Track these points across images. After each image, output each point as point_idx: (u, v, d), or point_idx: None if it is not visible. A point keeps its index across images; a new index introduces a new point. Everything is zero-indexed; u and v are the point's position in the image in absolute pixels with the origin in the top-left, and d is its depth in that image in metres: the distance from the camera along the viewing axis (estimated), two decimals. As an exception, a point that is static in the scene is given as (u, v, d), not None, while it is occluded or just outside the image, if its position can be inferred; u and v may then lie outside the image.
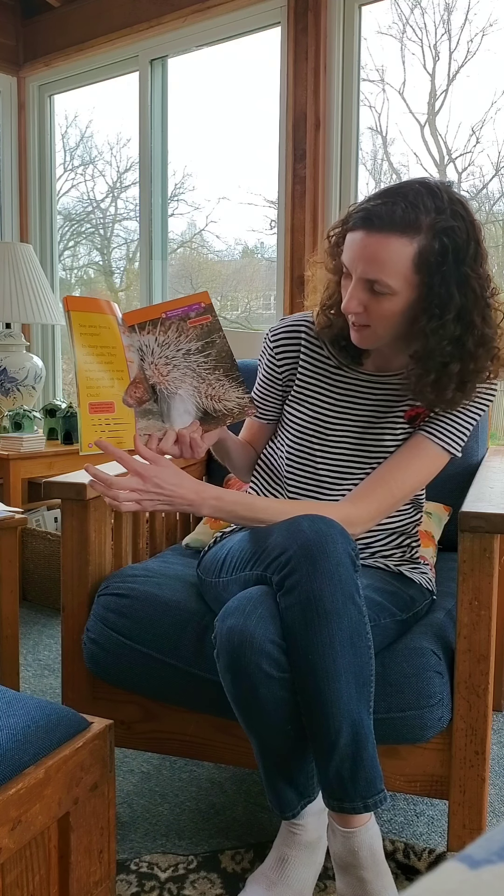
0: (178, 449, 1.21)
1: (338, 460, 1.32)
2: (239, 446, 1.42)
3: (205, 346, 1.19)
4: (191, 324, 1.19)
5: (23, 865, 0.88)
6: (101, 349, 1.15)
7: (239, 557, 1.22)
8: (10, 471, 2.68)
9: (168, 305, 1.18)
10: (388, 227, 1.11)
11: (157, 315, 1.18)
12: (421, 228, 1.11)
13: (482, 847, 0.33)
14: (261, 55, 2.94)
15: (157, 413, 1.20)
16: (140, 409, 1.19)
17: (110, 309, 1.18)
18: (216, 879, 1.27)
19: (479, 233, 1.15)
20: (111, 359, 1.16)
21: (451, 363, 1.16)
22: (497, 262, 2.72)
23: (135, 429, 1.19)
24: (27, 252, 3.06)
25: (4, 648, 1.77)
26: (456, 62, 2.60)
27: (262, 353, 1.41)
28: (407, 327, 1.19)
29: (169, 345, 1.18)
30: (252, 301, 3.36)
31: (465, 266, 1.12)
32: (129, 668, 1.32)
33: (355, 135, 2.69)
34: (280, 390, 1.39)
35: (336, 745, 1.05)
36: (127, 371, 1.17)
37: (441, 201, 1.12)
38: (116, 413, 1.17)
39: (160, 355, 1.18)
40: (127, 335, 1.18)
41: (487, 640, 1.18)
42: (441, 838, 1.42)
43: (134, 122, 3.29)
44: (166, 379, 1.19)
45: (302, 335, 1.36)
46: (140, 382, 1.18)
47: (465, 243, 1.12)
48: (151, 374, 1.18)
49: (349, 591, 1.07)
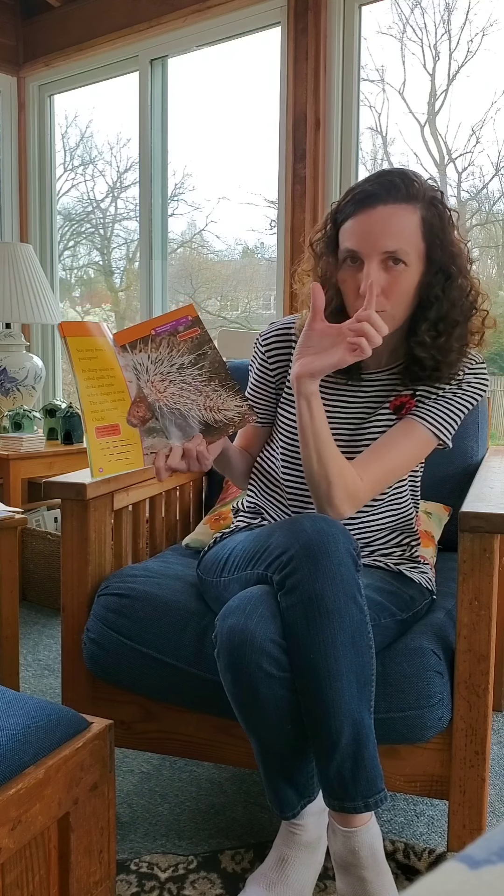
0: (186, 463, 1.20)
1: None
2: (238, 454, 1.42)
3: (197, 359, 1.20)
4: (180, 338, 1.19)
5: (23, 865, 0.88)
6: (100, 372, 1.16)
7: (240, 557, 1.22)
8: (10, 471, 2.68)
9: (156, 322, 1.19)
10: (393, 197, 1.16)
11: (147, 332, 1.19)
12: (419, 197, 1.18)
13: (482, 847, 0.33)
14: (261, 55, 2.94)
15: (161, 430, 1.21)
16: (144, 427, 1.20)
17: (100, 331, 1.19)
18: (216, 879, 1.27)
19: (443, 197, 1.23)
20: (111, 381, 1.16)
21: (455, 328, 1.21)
22: (497, 262, 2.72)
23: (142, 448, 1.19)
24: (27, 252, 3.06)
25: (4, 648, 1.77)
26: (456, 62, 2.60)
27: (254, 357, 1.42)
28: (414, 304, 1.23)
29: (162, 361, 1.19)
30: (252, 301, 3.36)
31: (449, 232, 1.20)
32: (129, 668, 1.32)
33: (355, 135, 2.69)
34: (272, 393, 1.39)
35: (337, 744, 1.05)
36: (127, 391, 1.18)
37: (418, 176, 1.20)
38: (122, 434, 1.17)
39: (155, 372, 1.19)
40: (121, 355, 1.19)
41: (487, 640, 1.18)
42: (441, 838, 1.42)
43: (134, 122, 3.29)
44: (164, 395, 1.19)
45: (293, 337, 1.37)
46: (141, 401, 1.19)
47: (445, 211, 1.20)
48: (149, 392, 1.19)
49: (351, 590, 1.07)
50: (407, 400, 1.28)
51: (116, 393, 1.17)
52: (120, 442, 1.17)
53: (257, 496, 1.43)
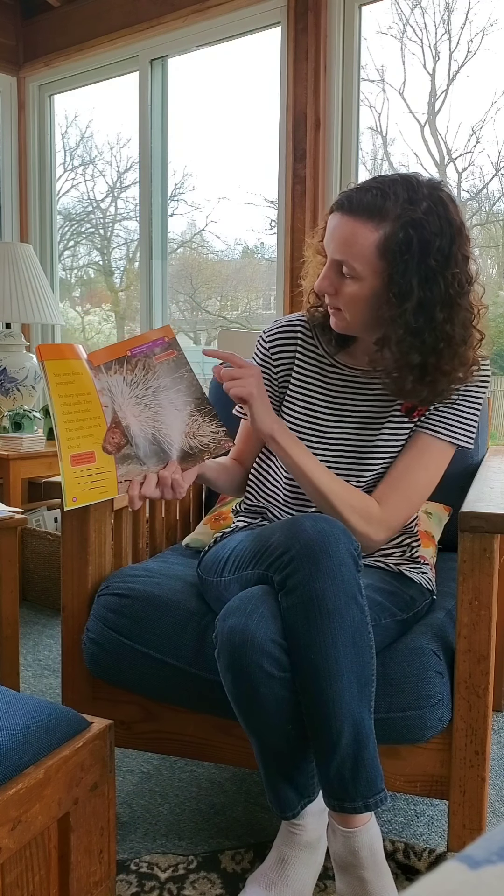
0: (160, 491, 1.19)
1: (338, 458, 1.32)
2: (220, 472, 1.39)
3: (173, 382, 1.17)
4: (157, 360, 1.17)
5: (23, 865, 0.88)
6: (76, 397, 1.13)
7: (240, 557, 1.22)
8: (10, 471, 2.68)
9: (132, 343, 1.17)
10: (356, 211, 1.16)
11: (122, 353, 1.16)
12: (387, 216, 1.14)
13: (482, 847, 0.33)
14: (261, 55, 2.94)
15: (136, 457, 1.17)
16: (119, 454, 1.16)
17: (75, 353, 1.15)
18: (216, 879, 1.27)
19: (458, 234, 1.15)
20: (87, 406, 1.14)
21: (409, 353, 1.18)
22: (497, 262, 2.71)
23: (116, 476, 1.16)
24: (27, 252, 3.06)
25: (4, 648, 1.77)
26: (456, 62, 2.60)
27: (256, 354, 1.41)
28: (374, 315, 1.21)
29: (137, 384, 1.16)
30: (252, 301, 3.36)
31: (430, 259, 1.13)
32: (129, 668, 1.32)
33: (355, 135, 2.69)
34: (275, 391, 1.39)
35: (337, 744, 1.05)
36: (104, 417, 1.15)
37: (416, 193, 1.14)
38: (97, 463, 1.14)
39: (130, 395, 1.16)
40: (96, 377, 1.16)
41: (487, 640, 1.18)
42: (441, 838, 1.42)
43: (134, 122, 3.29)
44: (139, 419, 1.16)
45: (298, 334, 1.37)
46: (116, 427, 1.16)
47: (433, 238, 1.13)
48: (124, 416, 1.16)
49: (351, 590, 1.07)
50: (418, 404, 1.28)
51: (92, 419, 1.14)
52: (94, 470, 1.14)
53: (258, 496, 1.43)
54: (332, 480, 1.23)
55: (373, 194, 1.14)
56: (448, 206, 1.15)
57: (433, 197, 1.14)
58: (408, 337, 1.16)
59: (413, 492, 1.26)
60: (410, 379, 1.19)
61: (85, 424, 1.13)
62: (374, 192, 1.15)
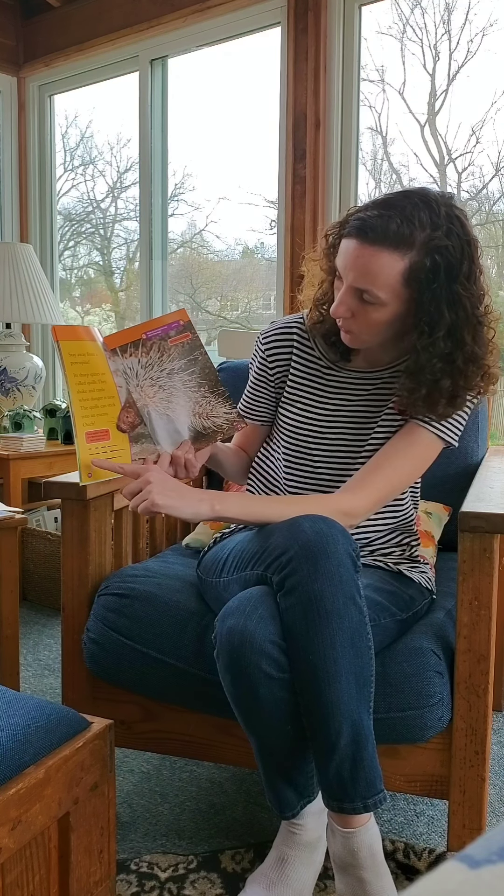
0: (174, 470, 1.21)
1: (335, 457, 1.33)
2: (231, 455, 1.42)
3: (188, 364, 1.19)
4: (171, 343, 1.18)
5: (23, 865, 0.88)
6: (91, 377, 1.15)
7: (240, 557, 1.22)
8: (10, 471, 2.68)
9: (147, 326, 1.18)
10: (380, 240, 1.12)
11: (138, 336, 1.17)
12: (414, 245, 1.12)
13: (482, 847, 0.33)
14: (261, 55, 2.94)
15: (149, 436, 1.20)
16: (133, 433, 1.19)
17: (92, 335, 1.18)
18: (216, 879, 1.27)
19: (475, 250, 1.15)
20: (102, 386, 1.16)
21: (441, 379, 1.18)
22: (497, 263, 2.72)
23: (130, 454, 1.19)
24: (27, 252, 3.06)
25: (4, 648, 1.77)
26: (456, 62, 2.60)
27: (254, 355, 1.42)
28: (393, 334, 1.22)
29: (152, 366, 1.18)
30: (252, 301, 3.36)
31: (456, 284, 1.13)
32: (129, 668, 1.32)
33: (355, 135, 2.69)
34: (272, 392, 1.40)
35: (336, 745, 1.05)
36: (118, 396, 1.18)
37: (437, 216, 1.12)
38: (112, 440, 1.17)
39: (145, 377, 1.18)
40: (111, 359, 1.17)
41: (487, 640, 1.18)
42: (441, 838, 1.42)
43: (134, 122, 3.29)
44: (153, 400, 1.18)
45: (294, 336, 1.38)
46: (131, 406, 1.18)
47: (457, 262, 1.13)
48: (139, 397, 1.18)
49: (350, 591, 1.07)
50: None
51: (107, 398, 1.17)
52: (109, 447, 1.17)
53: (257, 493, 1.43)
54: (290, 505, 1.19)
55: (397, 223, 1.11)
56: (464, 223, 1.15)
57: (451, 217, 1.13)
58: (440, 363, 1.16)
59: (393, 475, 1.23)
60: (443, 403, 1.20)
61: (100, 403, 1.16)
62: (398, 220, 1.11)
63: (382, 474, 1.23)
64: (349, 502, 1.21)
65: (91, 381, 1.15)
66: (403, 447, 1.25)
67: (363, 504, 1.22)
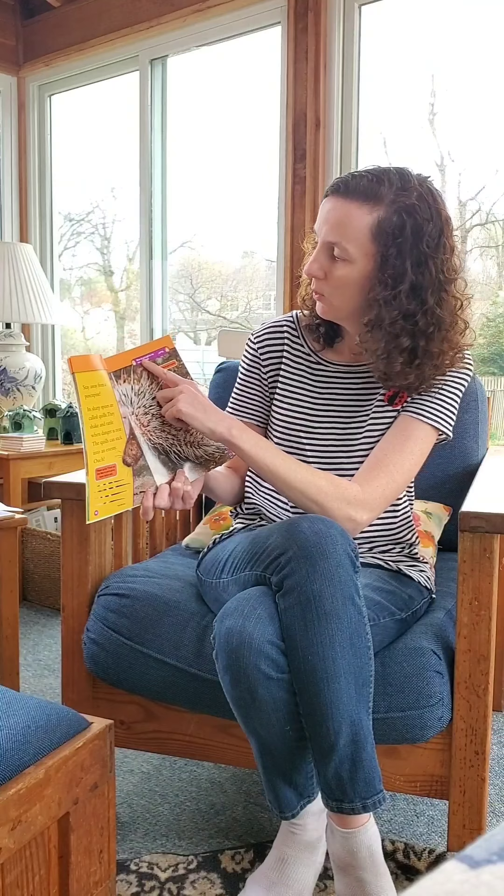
0: (171, 501, 1.19)
1: (326, 449, 1.33)
2: (222, 480, 1.39)
3: None
4: None
5: (23, 865, 0.88)
6: (101, 409, 1.14)
7: (238, 558, 1.23)
8: (10, 471, 2.68)
9: (136, 352, 1.17)
10: (351, 194, 1.19)
11: (129, 362, 1.16)
12: (382, 200, 1.18)
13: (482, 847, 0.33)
14: (261, 55, 2.94)
15: (148, 468, 1.17)
16: (136, 466, 1.17)
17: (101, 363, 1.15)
18: (216, 879, 1.27)
19: (446, 225, 1.20)
20: (111, 419, 1.14)
21: (400, 336, 1.20)
22: (497, 262, 2.71)
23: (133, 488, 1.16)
24: (27, 252, 3.06)
25: (4, 648, 1.77)
26: (456, 62, 2.60)
27: (245, 356, 1.43)
28: (363, 301, 1.24)
29: (144, 393, 1.17)
30: (252, 301, 3.36)
31: (423, 245, 1.18)
32: (129, 668, 1.32)
33: (355, 135, 2.68)
34: (264, 391, 1.41)
35: (335, 746, 1.05)
36: (123, 429, 1.16)
37: (408, 183, 1.19)
38: (118, 475, 1.15)
39: (139, 405, 1.16)
40: (115, 386, 1.15)
41: (487, 640, 1.18)
42: (441, 838, 1.42)
43: (134, 122, 3.29)
44: (147, 429, 1.17)
45: (286, 335, 1.40)
46: (133, 438, 1.16)
47: (425, 223, 1.18)
48: (135, 426, 1.16)
49: (349, 591, 1.07)
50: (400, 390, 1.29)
51: (115, 431, 1.15)
52: (115, 483, 1.14)
53: (255, 496, 1.43)
54: (299, 469, 1.18)
55: (368, 179, 1.19)
56: (437, 198, 1.21)
57: (423, 187, 1.20)
58: (400, 319, 1.19)
59: (395, 471, 1.23)
60: (400, 361, 1.22)
61: (109, 437, 1.14)
62: (370, 177, 1.19)
63: (386, 472, 1.23)
64: (363, 493, 1.20)
65: (102, 415, 1.13)
66: (400, 442, 1.25)
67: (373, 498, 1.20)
